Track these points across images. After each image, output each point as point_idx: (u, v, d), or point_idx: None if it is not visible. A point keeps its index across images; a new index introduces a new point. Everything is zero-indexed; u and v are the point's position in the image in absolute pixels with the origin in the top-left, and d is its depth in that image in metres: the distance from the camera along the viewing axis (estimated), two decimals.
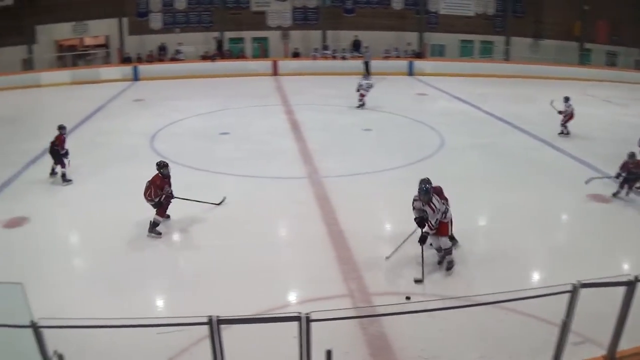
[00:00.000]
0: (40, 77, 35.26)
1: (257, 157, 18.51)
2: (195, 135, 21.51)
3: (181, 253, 12.76)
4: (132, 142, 20.60)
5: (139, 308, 9.45)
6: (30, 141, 21.54)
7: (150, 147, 19.77)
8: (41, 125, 24.48)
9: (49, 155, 17.03)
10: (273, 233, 12.41)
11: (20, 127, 24.67)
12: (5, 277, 5.87)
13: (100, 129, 22.87)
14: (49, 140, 16.99)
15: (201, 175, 16.85)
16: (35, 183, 17.12)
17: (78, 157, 18.21)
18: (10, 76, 35.62)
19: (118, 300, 9.94)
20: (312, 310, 5.44)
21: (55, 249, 12.50)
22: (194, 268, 11.61)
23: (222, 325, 5.38)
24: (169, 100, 27.98)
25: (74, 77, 34.64)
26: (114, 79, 32.94)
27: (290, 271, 10.83)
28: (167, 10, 38.68)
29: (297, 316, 5.41)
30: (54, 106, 28.24)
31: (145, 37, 37.64)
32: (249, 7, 39.37)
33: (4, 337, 5.96)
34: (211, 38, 38.61)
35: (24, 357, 6.10)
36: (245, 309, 7.83)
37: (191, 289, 10.45)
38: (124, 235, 12.84)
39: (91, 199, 15.45)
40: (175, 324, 5.36)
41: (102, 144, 20.60)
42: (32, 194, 16.20)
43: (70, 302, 9.84)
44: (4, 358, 7.15)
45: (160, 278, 11.24)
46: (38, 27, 38.16)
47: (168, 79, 33.79)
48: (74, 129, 23.00)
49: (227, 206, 14.34)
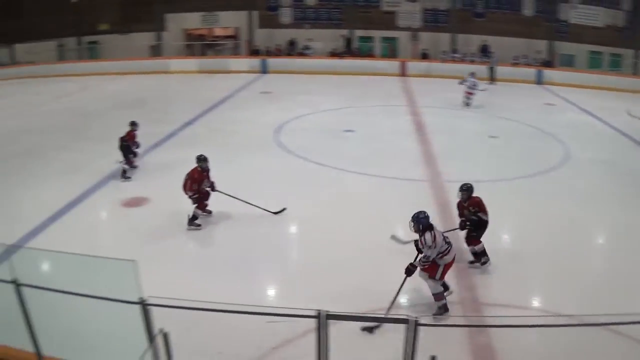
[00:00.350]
0: (169, 63, 36.22)
1: (379, 157, 18.04)
2: (320, 131, 21.18)
3: (294, 245, 12.95)
4: (258, 133, 20.58)
5: (247, 294, 9.50)
6: (155, 125, 21.92)
7: (275, 140, 19.69)
8: (167, 111, 25.12)
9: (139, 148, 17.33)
10: (388, 233, 11.94)
11: (147, 111, 25.23)
12: (120, 254, 5.77)
13: (227, 119, 23.08)
14: (174, 126, 17.22)
15: (323, 171, 16.66)
16: (158, 165, 17.54)
17: (203, 144, 18.32)
18: (140, 61, 36.78)
19: (228, 284, 10.09)
20: (420, 314, 5.45)
21: (171, 231, 12.76)
22: (305, 261, 11.67)
23: (329, 320, 5.45)
24: (295, 94, 27.85)
25: (202, 66, 35.30)
26: (242, 70, 33.18)
27: (401, 274, 10.34)
28: (298, 6, 38.79)
29: (406, 319, 5.39)
30: (182, 93, 28.70)
31: (274, 31, 37.83)
32: (379, 7, 38.86)
33: (114, 312, 6.26)
34: (340, 35, 38.45)
35: (131, 332, 6.27)
36: (353, 306, 7.87)
37: (300, 281, 10.50)
38: (242, 222, 13.01)
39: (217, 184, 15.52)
40: (284, 314, 5.46)
41: (229, 133, 20.75)
42: (153, 176, 16.55)
43: (180, 282, 9.95)
44: (112, 332, 7.56)
45: (271, 267, 11.33)
46: (168, 15, 39.28)
47: (295, 73, 33.66)
48: (201, 116, 23.60)
49: (347, 202, 13.96)
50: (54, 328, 7.51)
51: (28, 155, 18.58)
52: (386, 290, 9.28)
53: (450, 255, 9.37)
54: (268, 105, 25.71)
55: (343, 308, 5.76)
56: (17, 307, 6.77)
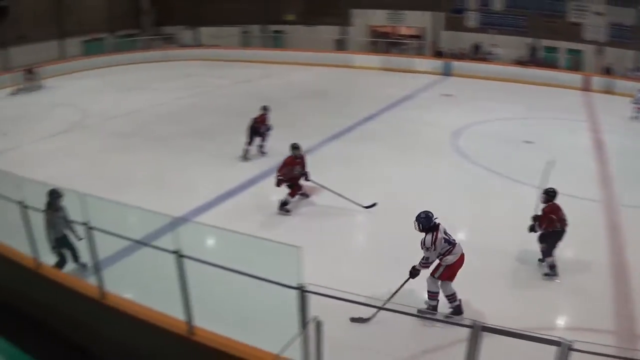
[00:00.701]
0: (353, 58, 36.93)
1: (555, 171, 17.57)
2: (498, 139, 20.65)
3: None
4: (436, 135, 20.51)
5: (403, 292, 9.26)
6: (335, 117, 22.55)
7: (452, 144, 19.54)
8: (348, 105, 25.61)
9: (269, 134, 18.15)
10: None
11: (328, 102, 26.04)
12: (290, 239, 6.02)
13: (407, 118, 23.15)
14: (354, 120, 17.63)
15: (497, 180, 16.33)
16: (333, 157, 18.06)
17: (381, 141, 19.12)
18: (324, 54, 37.72)
19: (385, 280, 9.97)
20: (574, 339, 5.18)
21: (340, 221, 13.15)
22: (471, 270, 10.71)
23: (483, 332, 5.35)
24: (476, 100, 27.33)
25: (385, 63, 35.62)
26: (424, 70, 33.24)
27: (559, 293, 10.10)
28: (484, 10, 38.23)
29: (559, 341, 5.18)
30: (363, 88, 29.15)
31: (459, 33, 37.43)
32: (565, 17, 37.86)
33: (271, 294, 6.43)
34: (524, 43, 37.73)
35: (286, 315, 6.45)
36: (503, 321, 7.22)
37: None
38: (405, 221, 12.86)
39: (386, 182, 15.88)
40: (439, 319, 5.74)
41: (407, 132, 20.92)
42: (328, 167, 16.91)
43: (344, 273, 10.32)
44: (266, 312, 8.26)
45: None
46: (354, 10, 39.91)
47: (478, 78, 33.07)
48: (381, 112, 23.91)
49: (516, 215, 13.07)
50: (208, 301, 8.02)
51: (206, 134, 19.77)
52: (544, 309, 9.34)
53: (453, 257, 9.25)
54: (448, 108, 25.50)
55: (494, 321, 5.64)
56: (177, 277, 7.23)
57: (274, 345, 6.46)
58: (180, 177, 16.80)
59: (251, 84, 32.31)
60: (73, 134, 22.70)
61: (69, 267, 10.47)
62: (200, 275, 7.21)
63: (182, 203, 14.15)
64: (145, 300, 8.32)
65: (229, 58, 40.00)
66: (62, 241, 10.42)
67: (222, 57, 41.37)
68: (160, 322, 7.92)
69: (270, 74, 35.48)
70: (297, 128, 21.38)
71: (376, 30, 39.80)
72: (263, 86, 31.57)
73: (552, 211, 10.83)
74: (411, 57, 35.46)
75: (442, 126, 21.74)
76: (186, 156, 18.79)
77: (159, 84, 33.59)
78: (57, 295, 9.44)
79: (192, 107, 26.38)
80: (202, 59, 42.08)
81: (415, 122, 22.35)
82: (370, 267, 11.10)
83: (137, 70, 38.99)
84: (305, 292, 6.15)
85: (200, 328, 7.59)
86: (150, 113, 25.75)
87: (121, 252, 10.66)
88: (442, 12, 37.67)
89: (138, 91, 31.64)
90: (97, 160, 18.88)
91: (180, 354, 7.94)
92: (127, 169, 17.88)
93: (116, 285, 8.80)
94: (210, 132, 19.11)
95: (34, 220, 9.54)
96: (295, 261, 5.82)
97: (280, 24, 43.68)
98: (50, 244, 10.43)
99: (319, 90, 29.34)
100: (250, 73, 33.25)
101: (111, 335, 8.94)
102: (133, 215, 9.47)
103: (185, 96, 29.04)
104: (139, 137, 21.63)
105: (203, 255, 7.13)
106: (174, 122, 23.74)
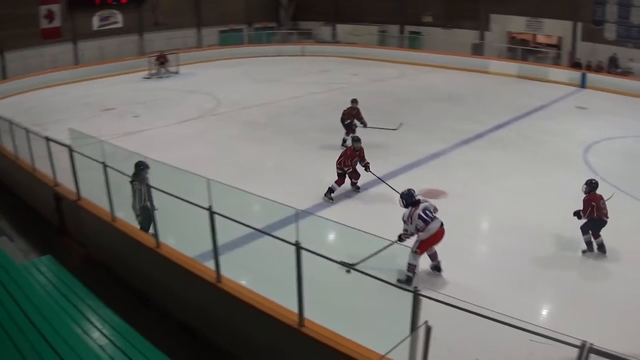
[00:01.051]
0: (488, 63, 36.87)
1: None
2: (630, 157, 20.23)
3: (575, 270, 12.04)
4: (567, 147, 20.26)
5: (518, 306, 9.03)
6: (466, 122, 22.88)
7: (582, 158, 19.25)
8: (480, 111, 25.74)
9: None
10: None
11: (461, 107, 26.34)
12: (408, 240, 6.24)
13: (539, 128, 22.90)
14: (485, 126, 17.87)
15: (625, 200, 15.33)
16: (461, 162, 18.36)
17: (510, 149, 19.40)
18: (459, 57, 37.91)
19: (505, 292, 10.31)
20: None
21: (461, 228, 12.88)
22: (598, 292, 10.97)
23: (591, 354, 5.05)
24: (610, 114, 26.35)
25: (520, 71, 35.34)
26: (560, 81, 32.78)
27: None
28: (623, 22, 37.24)
29: None
30: (497, 95, 29.11)
31: (597, 45, 36.61)
32: None
33: (390, 294, 6.59)
34: None
35: (397, 316, 6.44)
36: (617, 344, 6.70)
37: (572, 307, 10.28)
38: (531, 238, 12.87)
39: (511, 191, 15.98)
40: (547, 336, 5.15)
41: (538, 142, 20.79)
42: (455, 171, 17.36)
43: (460, 280, 10.61)
44: (376, 311, 8.55)
45: (551, 290, 11.15)
46: (493, 15, 39.73)
47: (614, 92, 31.69)
48: (513, 120, 23.93)
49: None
50: (318, 295, 8.21)
51: (336, 131, 20.22)
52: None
53: (426, 234, 10.26)
54: (582, 121, 25.07)
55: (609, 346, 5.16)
56: (295, 268, 7.40)
57: (378, 345, 6.70)
58: (307, 170, 17.60)
59: (385, 83, 33.00)
60: (205, 121, 24.30)
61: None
62: (313, 267, 7.41)
63: (307, 196, 14.85)
64: (259, 289, 8.65)
65: (365, 56, 40.86)
66: (145, 210, 11.24)
67: (358, 54, 42.25)
68: (271, 311, 8.13)
69: (404, 74, 36.12)
70: (429, 130, 22.02)
71: (514, 37, 39.48)
72: (397, 86, 32.27)
73: (592, 199, 11.84)
74: (547, 67, 34.96)
75: (573, 139, 21.49)
76: (315, 151, 19.66)
77: (294, 77, 34.95)
78: (175, 275, 9.93)
79: (325, 103, 27.32)
80: (338, 55, 42.99)
81: (546, 132, 22.15)
82: (482, 276, 11.19)
83: (272, 63, 40.65)
84: (419, 296, 6.12)
85: (310, 320, 7.74)
86: (283, 105, 27.07)
87: (242, 239, 11.17)
88: (581, 23, 36.94)
89: (273, 83, 33.11)
90: (226, 148, 20.12)
91: (289, 344, 8.10)
92: (255, 159, 18.98)
93: (233, 271, 9.23)
94: (340, 129, 19.75)
95: (158, 202, 10.06)
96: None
97: (418, 24, 44.06)
98: (135, 212, 11.57)
99: (452, 94, 29.61)
100: (385, 72, 33.88)
101: (223, 319, 9.34)
102: (257, 204, 9.89)
103: (319, 91, 30.15)
104: (270, 129, 22.83)
105: (320, 248, 7.35)
106: (306, 116, 24.89)
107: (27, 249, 13.74)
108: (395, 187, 15.15)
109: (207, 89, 31.35)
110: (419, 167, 17.68)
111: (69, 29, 38.52)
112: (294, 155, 19.20)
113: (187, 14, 44.54)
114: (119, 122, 24.34)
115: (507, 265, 11.69)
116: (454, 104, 27.08)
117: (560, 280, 11.35)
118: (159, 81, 35.06)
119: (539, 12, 37.29)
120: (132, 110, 26.62)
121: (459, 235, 12.38)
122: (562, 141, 21.22)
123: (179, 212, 10.11)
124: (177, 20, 43.87)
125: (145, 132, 22.50)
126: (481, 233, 13.96)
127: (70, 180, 12.87)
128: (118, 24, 41.23)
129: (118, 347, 7.72)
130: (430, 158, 18.58)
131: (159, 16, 42.72)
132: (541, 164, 18.33)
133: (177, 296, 10.37)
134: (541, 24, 37.67)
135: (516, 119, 24.18)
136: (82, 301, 9.06)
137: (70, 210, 13.44)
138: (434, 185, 15.82)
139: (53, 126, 21.35)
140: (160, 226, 10.15)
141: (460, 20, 41.27)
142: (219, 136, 21.85)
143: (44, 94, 31.85)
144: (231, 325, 9.18)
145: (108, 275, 12.05)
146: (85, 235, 13.17)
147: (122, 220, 11.56)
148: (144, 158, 9.79)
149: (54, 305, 8.63)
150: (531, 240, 12.73)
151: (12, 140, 16.38)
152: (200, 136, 21.77)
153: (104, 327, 8.28)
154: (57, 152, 13.25)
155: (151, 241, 10.28)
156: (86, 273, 11.41)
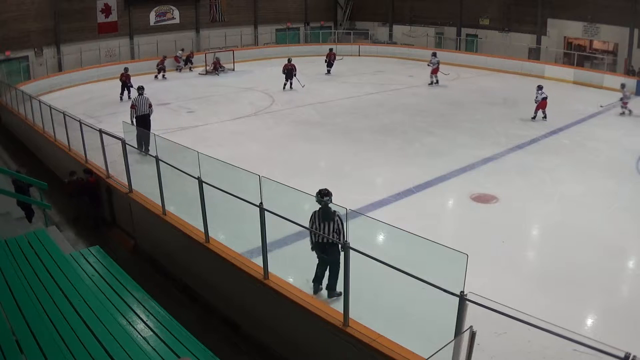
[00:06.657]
0: (544, 68, 36.84)
1: None
2: None
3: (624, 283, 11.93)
4: (620, 156, 20.14)
5: (564, 315, 9.02)
6: (520, 127, 23.12)
7: (635, 167, 19.04)
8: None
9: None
10: None
11: (515, 111, 26.37)
12: (457, 245, 6.22)
13: (592, 135, 22.72)
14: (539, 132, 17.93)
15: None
16: (514, 167, 18.33)
17: (563, 155, 19.38)
18: (515, 61, 37.92)
19: (551, 301, 10.18)
20: None
21: (510, 234, 13.18)
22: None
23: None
24: None
25: (575, 77, 35.17)
26: (616, 88, 32.52)
27: None
28: None
29: None
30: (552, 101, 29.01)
31: None
32: None
33: (435, 297, 6.44)
34: None
35: (443, 319, 6.55)
36: None
37: (619, 319, 10.07)
38: (581, 246, 12.76)
39: (563, 197, 15.93)
40: (590, 345, 5.10)
41: (590, 149, 20.69)
42: (508, 176, 17.39)
43: (507, 286, 10.52)
44: (421, 314, 8.52)
45: (598, 300, 10.94)
46: (550, 20, 39.61)
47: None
48: (567, 127, 23.87)
49: None
50: (364, 296, 8.55)
51: (390, 131, 20.80)
52: None
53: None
54: (636, 128, 24.79)
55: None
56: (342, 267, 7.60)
57: (421, 348, 6.94)
58: (359, 170, 17.83)
59: (440, 85, 33.22)
60: (259, 118, 24.86)
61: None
62: (361, 267, 7.52)
63: (358, 197, 14.96)
64: (305, 287, 8.89)
65: (421, 58, 40.83)
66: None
67: (413, 56, 42.66)
68: (317, 310, 8.31)
69: (459, 76, 36.26)
70: (482, 134, 22.24)
71: (571, 42, 39.27)
72: (452, 89, 32.54)
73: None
74: (603, 73, 34.71)
75: (626, 147, 21.26)
76: (368, 151, 19.92)
77: (349, 77, 35.47)
78: (223, 271, 10.23)
79: (379, 103, 27.79)
80: (394, 56, 43.34)
81: (600, 140, 22.02)
82: (529, 283, 11.13)
83: None
84: (466, 301, 6.10)
85: (354, 320, 7.86)
86: (337, 105, 27.48)
87: (290, 237, 11.53)
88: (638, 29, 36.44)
89: (328, 83, 33.82)
90: (279, 146, 20.52)
91: (333, 343, 8.14)
92: (308, 157, 19.31)
93: (280, 268, 9.47)
94: (394, 130, 20.00)
95: (208, 197, 10.24)
96: (460, 268, 5.97)
97: (475, 27, 44.18)
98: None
99: (507, 98, 29.70)
100: (441, 74, 34.01)
101: (268, 315, 9.56)
102: (307, 202, 9.54)
103: (374, 92, 30.62)
104: (324, 128, 23.17)
105: (369, 249, 7.38)
106: (360, 116, 25.17)
107: (76, 239, 14.31)
108: (447, 190, 15.61)
109: (262, 87, 32.08)
110: (472, 170, 17.79)
111: (126, 24, 39.98)
112: (347, 155, 19.41)
113: (245, 12, 45.34)
114: (173, 117, 25.15)
115: (554, 273, 11.56)
116: (509, 108, 27.18)
117: (609, 291, 11.16)
118: (216, 78, 35.80)
119: (596, 18, 36.99)
120: (187, 106, 27.57)
121: (508, 241, 12.72)
122: (615, 149, 21.03)
123: (229, 208, 10.37)
124: (234, 18, 44.71)
125: (199, 127, 23.21)
126: (530, 240, 13.94)
127: (122, 172, 13.54)
128: (175, 20, 42.39)
129: (162, 340, 7.85)
130: (483, 162, 18.65)
131: (219, 13, 43.70)
132: (593, 171, 18.26)
133: (223, 291, 10.72)
134: (598, 29, 37.38)
135: (570, 125, 24.13)
136: (128, 292, 9.21)
137: (121, 202, 14.08)
138: (485, 190, 15.96)
139: (107, 119, 22.45)
140: (210, 221, 10.50)
141: (518, 24, 41.28)
142: (272, 134, 22.37)
143: (99, 87, 33.15)
144: (276, 322, 9.44)
145: (155, 267, 12.63)
146: (135, 228, 13.76)
147: (173, 213, 12.06)
148: (196, 152, 10.10)
149: (100, 295, 8.84)
150: (581, 248, 12.64)
151: (66, 131, 17.06)
152: (254, 133, 22.28)
153: (149, 319, 8.40)
154: (110, 145, 13.99)
155: (201, 235, 10.66)
156: (133, 265, 12.00)
